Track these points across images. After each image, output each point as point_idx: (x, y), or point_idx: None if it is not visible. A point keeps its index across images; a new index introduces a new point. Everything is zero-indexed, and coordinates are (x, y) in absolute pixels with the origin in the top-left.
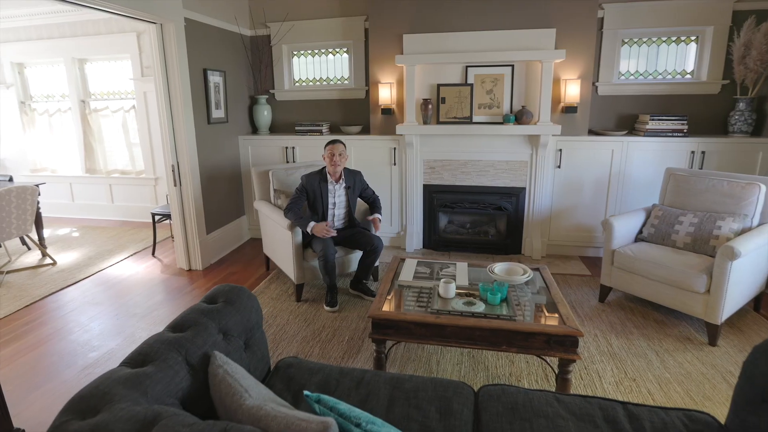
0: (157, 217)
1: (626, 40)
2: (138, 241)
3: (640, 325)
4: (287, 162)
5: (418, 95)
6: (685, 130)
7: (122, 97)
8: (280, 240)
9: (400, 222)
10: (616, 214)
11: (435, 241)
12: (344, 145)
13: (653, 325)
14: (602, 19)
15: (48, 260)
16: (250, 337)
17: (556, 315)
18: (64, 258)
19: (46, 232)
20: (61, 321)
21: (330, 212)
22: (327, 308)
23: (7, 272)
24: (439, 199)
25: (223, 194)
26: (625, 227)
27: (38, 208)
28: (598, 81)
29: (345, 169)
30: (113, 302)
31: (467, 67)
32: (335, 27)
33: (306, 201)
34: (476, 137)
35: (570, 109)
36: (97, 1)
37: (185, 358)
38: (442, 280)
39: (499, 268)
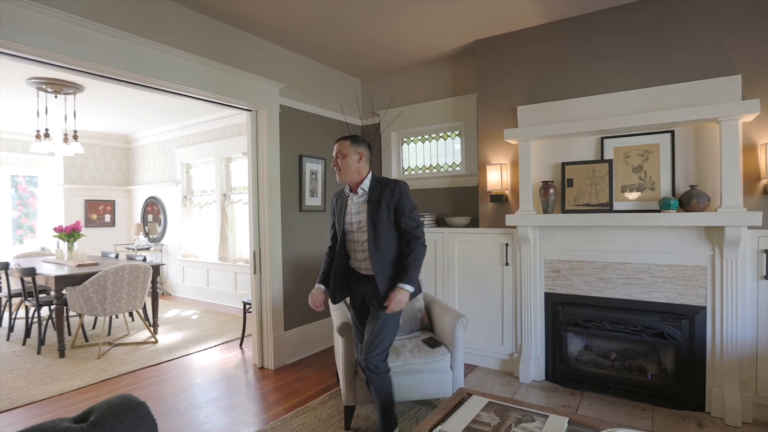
0: (248, 307)
1: None
2: (237, 330)
3: None
4: None
5: (536, 177)
6: None
7: None
8: (337, 345)
9: (513, 341)
10: None
11: (562, 372)
12: (352, 141)
13: None
14: None
15: (153, 338)
16: None
17: None
18: (168, 338)
19: (175, 312)
20: None
21: (349, 240)
22: None
23: (116, 344)
24: (567, 314)
25: (311, 289)
26: None
27: (156, 288)
28: None
29: (378, 178)
30: (169, 392)
31: (603, 138)
32: (446, 108)
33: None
34: (620, 230)
35: None
36: (200, 92)
37: None
38: None
39: None
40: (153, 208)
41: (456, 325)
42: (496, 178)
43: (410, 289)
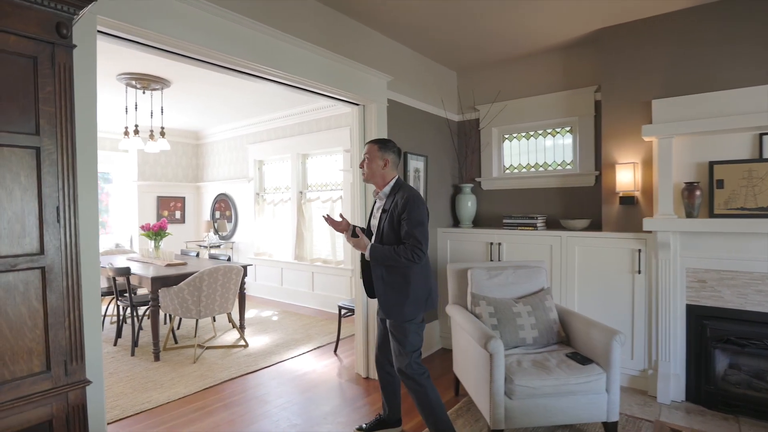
0: (343, 311)
1: None
2: (325, 334)
3: None
4: (491, 260)
5: (677, 178)
6: None
7: (332, 189)
8: (472, 359)
9: (646, 356)
10: None
11: (707, 393)
12: (381, 146)
13: None
14: None
15: (242, 341)
16: None
17: None
18: (257, 341)
19: (253, 312)
20: (226, 414)
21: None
22: None
23: (207, 348)
24: (714, 328)
25: None
26: None
27: (243, 289)
28: None
29: (398, 184)
30: (279, 403)
31: (762, 135)
32: (556, 103)
33: None
34: None
35: None
36: (313, 83)
37: None
38: None
39: None
40: (222, 204)
41: (612, 343)
42: (627, 178)
43: (367, 252)
